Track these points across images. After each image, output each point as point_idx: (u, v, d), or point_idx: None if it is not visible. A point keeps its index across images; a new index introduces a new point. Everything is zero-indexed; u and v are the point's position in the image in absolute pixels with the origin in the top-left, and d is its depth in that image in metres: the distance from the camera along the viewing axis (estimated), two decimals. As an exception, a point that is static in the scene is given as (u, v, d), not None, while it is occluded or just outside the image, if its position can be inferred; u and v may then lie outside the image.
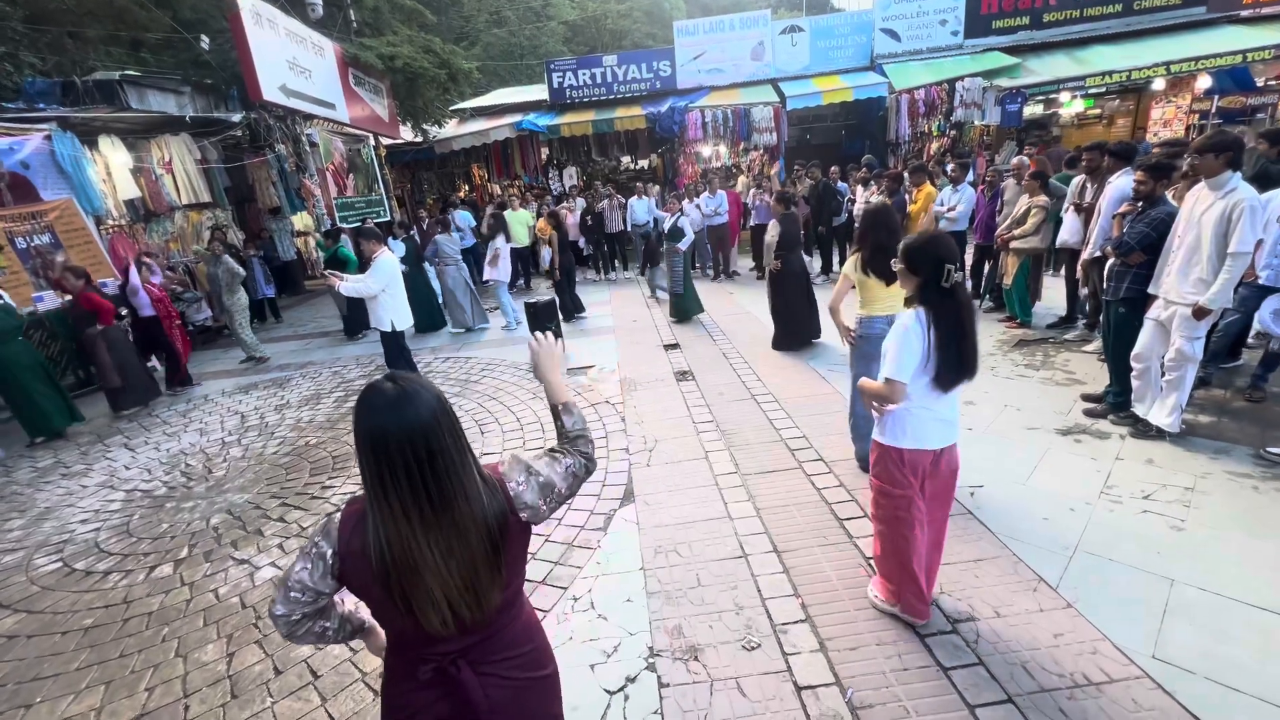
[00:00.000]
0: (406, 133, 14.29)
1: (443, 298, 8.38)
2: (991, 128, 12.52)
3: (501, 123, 13.74)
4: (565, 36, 26.47)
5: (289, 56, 9.84)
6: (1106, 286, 4.07)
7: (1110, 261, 4.02)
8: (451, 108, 15.20)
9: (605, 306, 8.91)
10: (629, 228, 10.56)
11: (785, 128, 12.65)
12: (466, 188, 15.96)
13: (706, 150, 14.00)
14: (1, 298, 5.80)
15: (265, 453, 5.03)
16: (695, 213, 9.43)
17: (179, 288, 8.15)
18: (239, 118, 9.70)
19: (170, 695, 2.58)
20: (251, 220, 12.18)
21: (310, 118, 10.70)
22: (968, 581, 2.72)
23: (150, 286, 6.77)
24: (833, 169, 9.57)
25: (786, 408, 4.75)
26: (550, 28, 25.86)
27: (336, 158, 11.64)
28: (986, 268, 6.79)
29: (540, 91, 15.17)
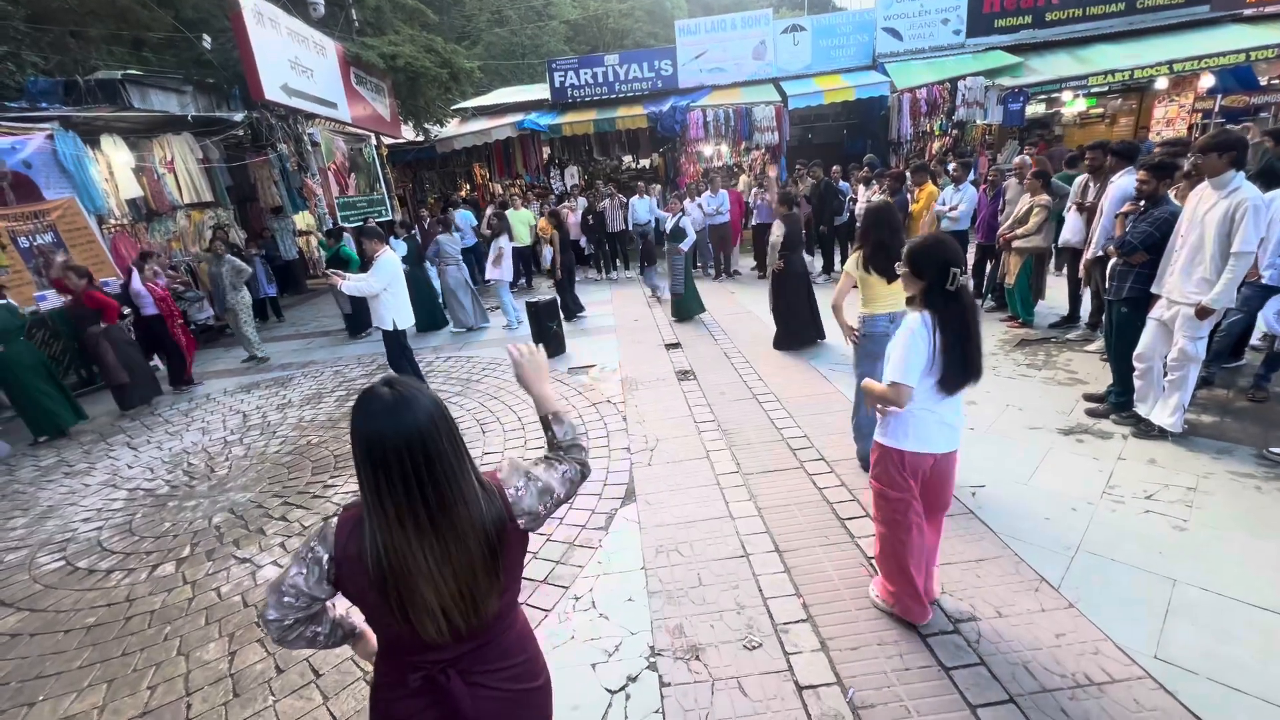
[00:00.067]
0: (408, 132, 14.32)
1: (443, 297, 8.38)
2: (993, 127, 12.51)
3: (503, 122, 13.75)
4: (567, 36, 26.46)
5: (291, 56, 9.85)
6: (1109, 286, 4.07)
7: (1112, 261, 4.01)
8: (453, 107, 15.22)
9: (606, 306, 8.91)
10: (630, 227, 10.56)
11: (787, 127, 12.64)
12: (468, 187, 15.97)
13: (708, 150, 13.99)
14: (4, 298, 5.82)
15: (267, 452, 5.04)
16: (697, 212, 9.43)
17: (181, 286, 8.16)
18: (241, 117, 9.72)
19: (172, 694, 2.59)
20: (253, 219, 12.20)
21: (312, 117, 10.72)
22: (969, 581, 2.72)
23: (153, 286, 6.77)
24: (834, 168, 9.56)
25: (788, 407, 4.75)
26: (552, 27, 25.85)
27: (338, 157, 11.66)
28: (988, 267, 6.78)
29: (542, 91, 15.18)
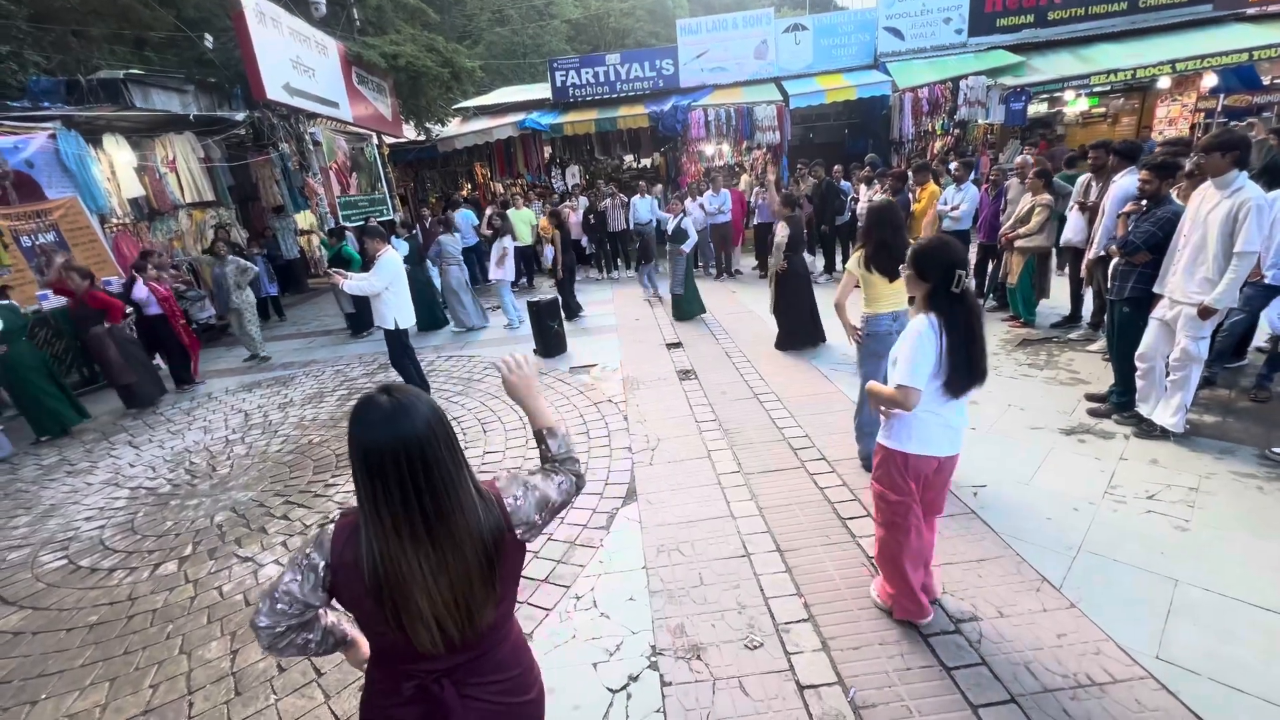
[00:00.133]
0: (409, 131, 14.32)
1: (443, 297, 8.38)
2: (995, 126, 12.49)
3: (504, 121, 13.75)
4: (568, 35, 26.46)
5: (292, 55, 9.86)
6: (1111, 286, 4.06)
7: (1114, 261, 4.00)
8: (454, 106, 15.22)
9: (608, 305, 8.91)
10: (631, 227, 10.56)
11: (788, 126, 12.62)
12: (469, 186, 15.97)
13: (709, 149, 13.98)
14: (6, 298, 5.83)
15: (269, 451, 5.04)
16: (698, 211, 9.42)
17: (182, 286, 8.17)
18: (243, 116, 9.73)
19: (174, 692, 2.60)
20: (255, 219, 12.21)
21: (314, 116, 10.73)
22: (971, 581, 2.71)
23: (155, 286, 6.78)
24: (836, 168, 9.55)
25: (789, 407, 4.75)
26: (553, 26, 25.85)
27: (340, 156, 11.67)
28: (990, 267, 6.77)
29: (543, 90, 15.17)
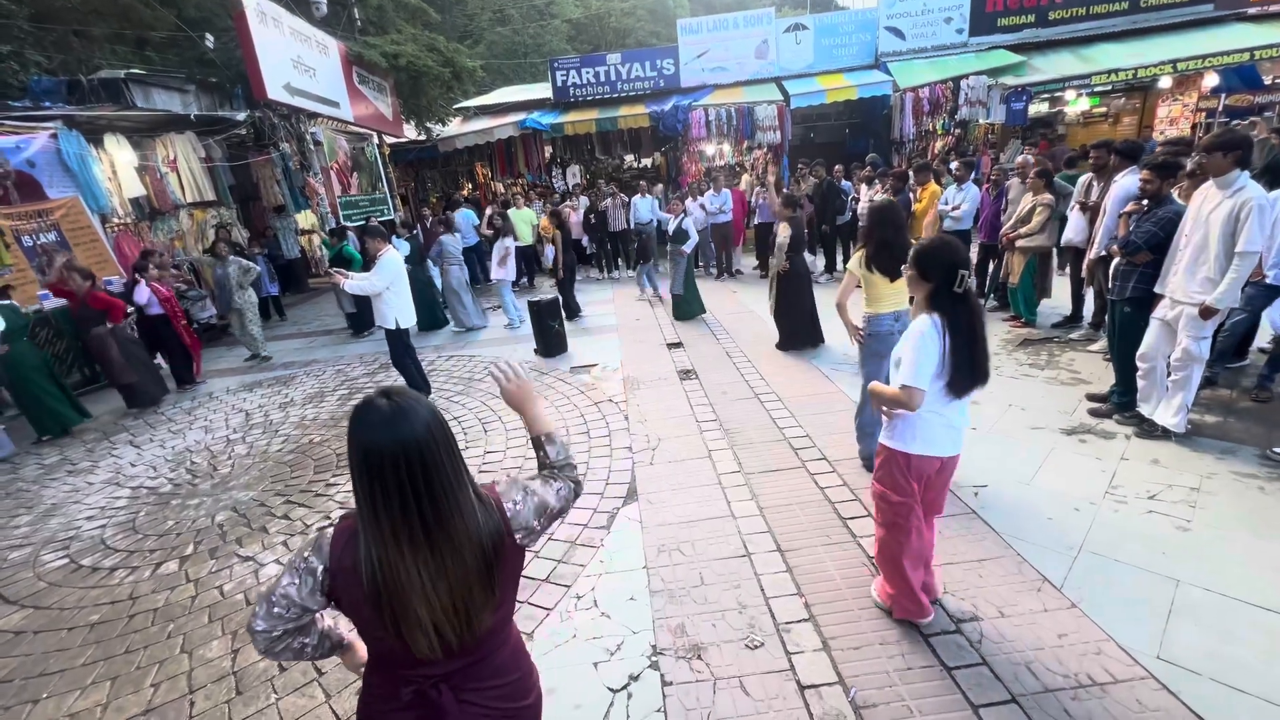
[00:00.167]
0: (410, 131, 14.32)
1: (443, 297, 8.39)
2: (996, 126, 12.48)
3: (505, 121, 13.75)
4: (569, 35, 26.47)
5: (293, 55, 9.86)
6: (1112, 286, 4.06)
7: (1115, 261, 4.00)
8: (455, 106, 15.22)
9: (608, 305, 8.91)
10: (632, 226, 10.56)
11: (789, 126, 12.62)
12: (470, 186, 15.98)
13: (710, 149, 13.98)
14: (7, 297, 5.83)
15: (270, 450, 5.05)
16: (699, 211, 9.42)
17: (184, 286, 8.18)
18: (243, 116, 9.73)
19: (175, 691, 2.60)
20: (256, 218, 12.21)
21: (314, 116, 10.73)
22: (971, 581, 2.71)
23: (158, 286, 6.79)
24: (836, 168, 9.55)
25: (790, 406, 4.74)
26: (554, 26, 25.85)
27: (340, 156, 11.67)
28: (991, 267, 6.77)
29: (544, 90, 15.17)
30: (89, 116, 7.61)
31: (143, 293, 6.66)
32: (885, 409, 2.32)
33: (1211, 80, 11.42)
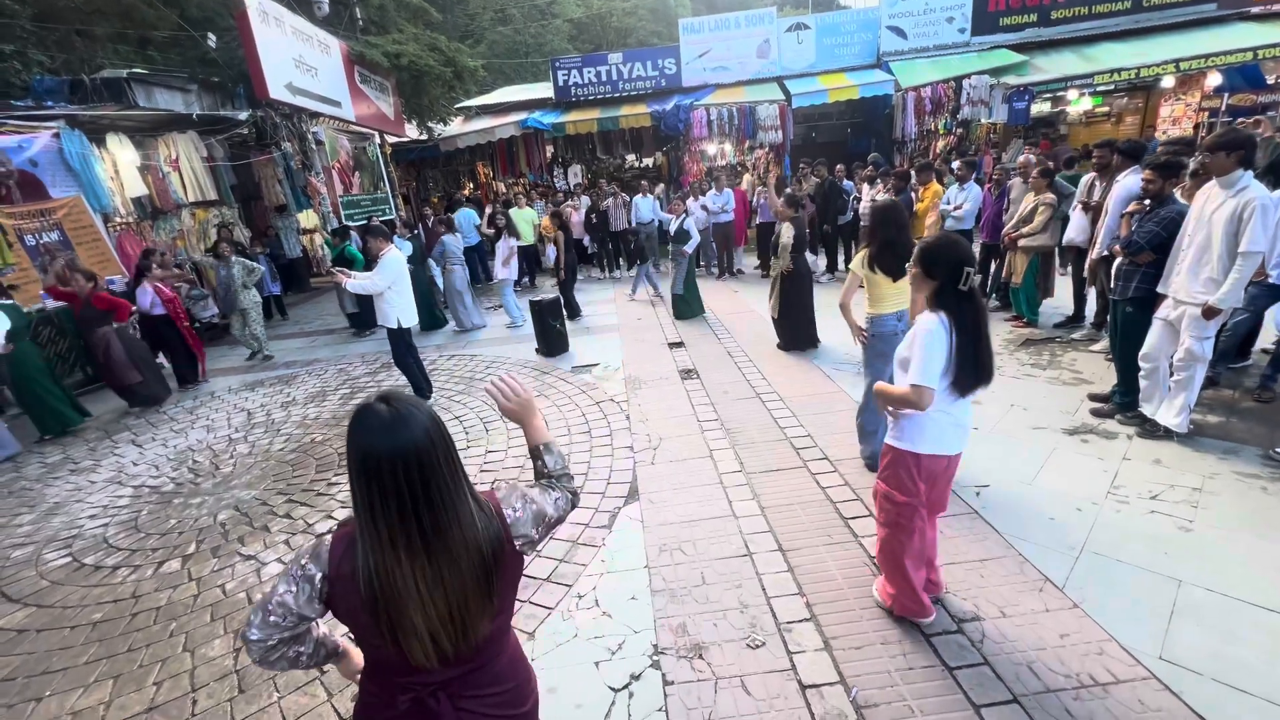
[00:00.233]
0: (412, 130, 14.32)
1: (445, 296, 8.39)
2: (998, 126, 12.46)
3: (506, 121, 13.74)
4: (570, 34, 26.46)
5: (295, 54, 9.86)
6: (1114, 286, 4.05)
7: (1118, 260, 3.99)
8: (457, 105, 15.22)
9: (610, 305, 8.91)
10: (633, 226, 10.56)
11: (791, 126, 12.60)
12: (471, 185, 15.98)
13: (712, 148, 13.97)
14: (9, 297, 5.84)
15: (272, 449, 5.05)
16: (700, 212, 9.41)
17: (186, 285, 8.19)
18: (245, 115, 9.73)
19: (178, 690, 2.61)
20: (258, 218, 12.22)
21: (316, 115, 10.73)
22: (973, 581, 2.71)
23: (161, 288, 6.80)
24: (838, 167, 9.54)
25: (791, 406, 4.74)
26: (555, 25, 25.86)
27: (342, 155, 11.68)
28: (993, 266, 6.75)
29: (545, 89, 15.17)
30: (91, 116, 7.61)
31: (145, 293, 6.67)
32: (891, 409, 2.31)
33: (1214, 80, 11.38)
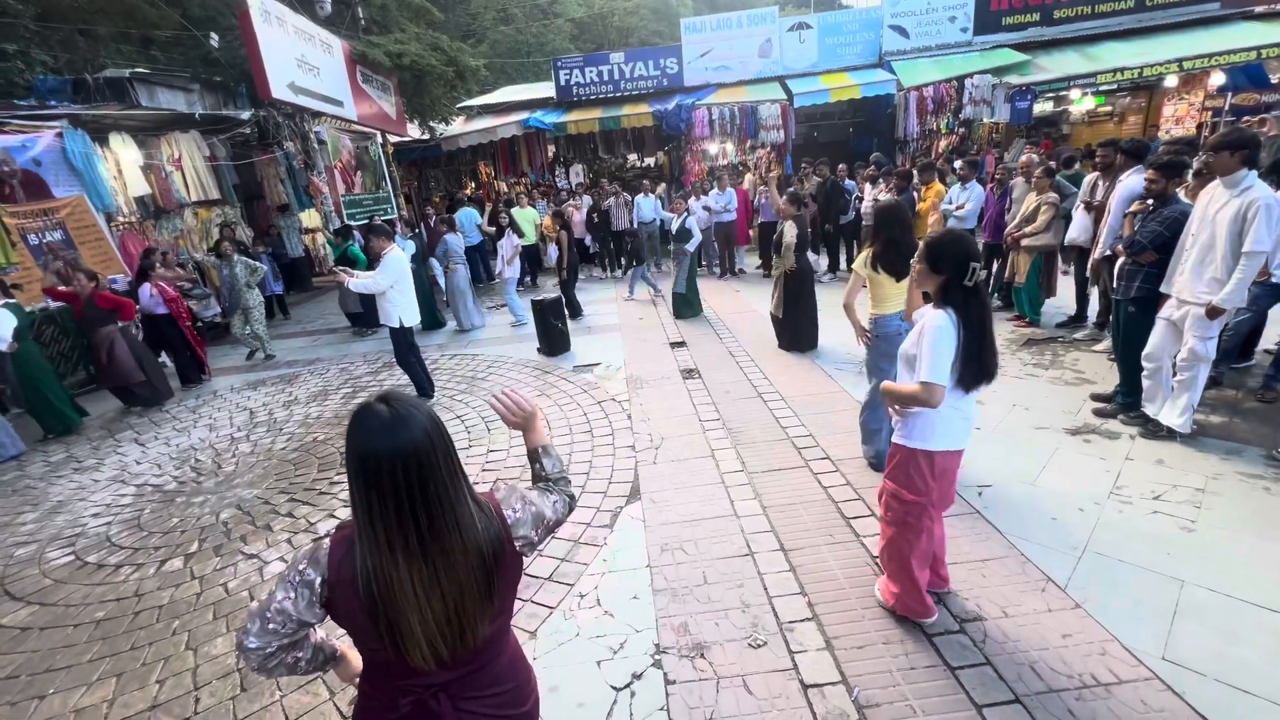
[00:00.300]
0: (414, 130, 14.32)
1: (447, 296, 8.40)
2: (1001, 125, 12.44)
3: (508, 120, 13.74)
4: (572, 34, 26.46)
5: (297, 54, 9.87)
6: (1116, 285, 4.04)
7: (1120, 260, 3.98)
8: (458, 105, 15.20)
9: (611, 304, 8.91)
10: (635, 225, 10.55)
11: (792, 125, 12.59)
12: (473, 185, 15.98)
13: (713, 148, 13.97)
14: (12, 296, 5.85)
15: (274, 448, 5.06)
16: (702, 212, 9.41)
17: (188, 284, 8.20)
18: (248, 115, 9.74)
19: (181, 688, 2.61)
20: (260, 217, 12.24)
21: (318, 115, 10.74)
22: (975, 581, 2.71)
23: (164, 287, 6.81)
24: (840, 167, 9.53)
25: (793, 406, 4.74)
26: (557, 25, 25.86)
27: (344, 155, 11.69)
28: (995, 266, 6.74)
29: (547, 89, 15.16)
30: (94, 115, 7.63)
31: (146, 293, 6.68)
32: (897, 408, 2.29)
33: (1218, 79, 11.35)
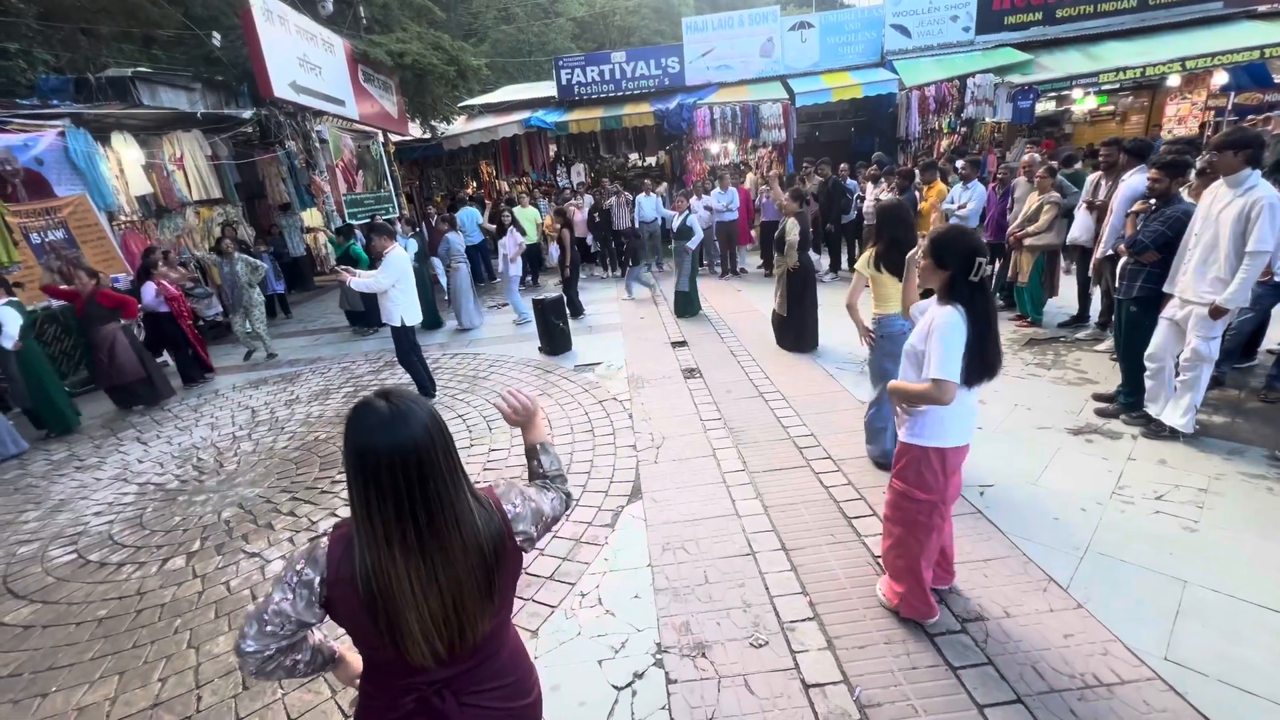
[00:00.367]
0: (415, 129, 14.32)
1: (449, 295, 8.41)
2: (1003, 125, 12.41)
3: (510, 119, 13.74)
4: (573, 33, 26.46)
5: (299, 53, 9.88)
6: (1119, 285, 4.03)
7: (1123, 260, 3.98)
8: (460, 104, 15.20)
9: (612, 303, 8.91)
10: (636, 225, 10.55)
11: (794, 124, 12.58)
12: (474, 184, 15.98)
13: (715, 147, 13.96)
14: (13, 295, 5.85)
15: (275, 447, 5.07)
16: (704, 211, 9.40)
17: (190, 283, 8.21)
18: (250, 114, 9.75)
19: (183, 686, 2.62)
20: (262, 216, 12.26)
21: (320, 114, 10.74)
22: (977, 581, 2.70)
23: (166, 286, 6.82)
24: (842, 166, 9.52)
25: (794, 405, 4.74)
26: (558, 24, 25.85)
27: (346, 154, 11.69)
28: (997, 265, 6.73)
29: (548, 88, 15.16)
30: (96, 114, 7.63)
31: (149, 291, 6.69)
32: (904, 407, 2.28)
33: (1220, 78, 11.31)
